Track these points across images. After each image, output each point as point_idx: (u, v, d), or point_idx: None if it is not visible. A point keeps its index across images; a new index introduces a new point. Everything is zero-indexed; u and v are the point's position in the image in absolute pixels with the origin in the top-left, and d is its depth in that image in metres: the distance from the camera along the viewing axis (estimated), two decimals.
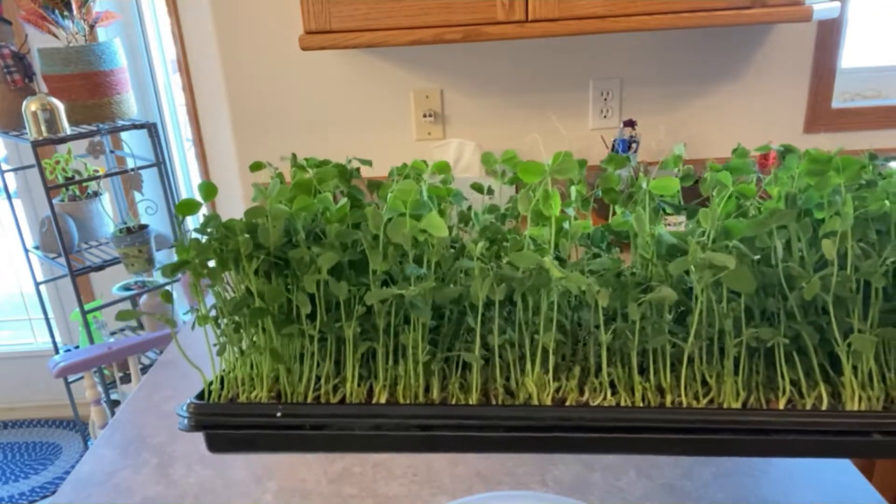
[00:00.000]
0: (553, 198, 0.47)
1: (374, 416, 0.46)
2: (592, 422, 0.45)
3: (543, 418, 0.45)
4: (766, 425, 0.45)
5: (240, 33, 1.74)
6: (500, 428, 0.46)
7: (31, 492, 2.48)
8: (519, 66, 1.77)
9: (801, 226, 0.44)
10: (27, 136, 1.83)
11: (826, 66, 1.75)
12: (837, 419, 0.44)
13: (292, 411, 0.46)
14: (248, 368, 0.50)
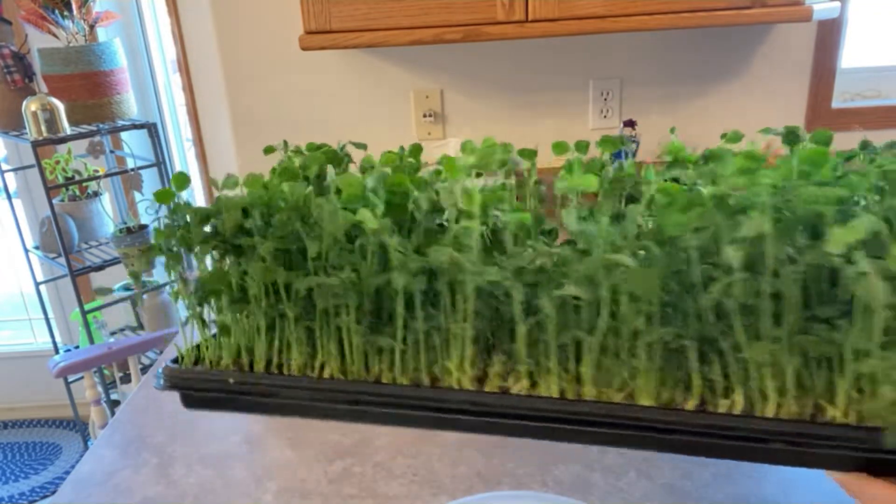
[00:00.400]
0: (472, 194, 0.48)
1: (307, 388, 0.52)
2: (495, 406, 0.49)
3: (448, 400, 0.49)
4: (649, 422, 0.46)
5: (240, 33, 1.74)
6: (413, 406, 0.50)
7: (31, 492, 2.48)
8: (519, 66, 1.77)
9: (728, 227, 0.43)
10: (27, 136, 1.83)
11: (826, 66, 1.75)
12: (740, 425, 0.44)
13: (242, 379, 0.54)
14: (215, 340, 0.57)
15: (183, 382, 0.55)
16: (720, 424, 0.45)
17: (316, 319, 0.53)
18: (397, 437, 0.94)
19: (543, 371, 0.50)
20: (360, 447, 0.93)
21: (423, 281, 0.49)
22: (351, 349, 0.52)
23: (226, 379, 0.53)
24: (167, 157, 2.21)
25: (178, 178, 0.57)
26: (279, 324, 0.55)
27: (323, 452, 0.92)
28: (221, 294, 0.55)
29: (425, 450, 0.91)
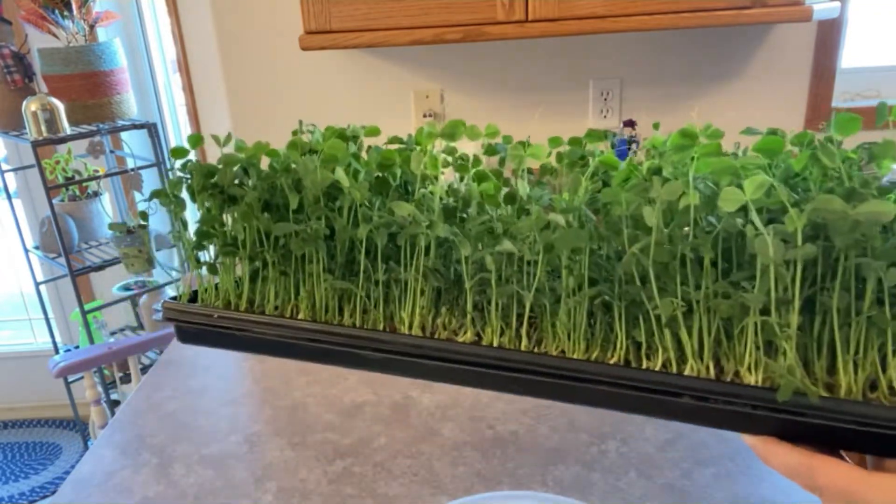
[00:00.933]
0: (436, 160, 0.55)
1: (277, 325, 0.59)
2: (442, 352, 0.53)
3: (399, 345, 0.55)
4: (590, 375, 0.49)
5: (240, 33, 1.74)
6: (369, 349, 0.55)
7: (31, 492, 2.48)
8: (519, 66, 1.77)
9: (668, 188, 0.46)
10: (27, 136, 1.83)
11: (826, 66, 1.75)
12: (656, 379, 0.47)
13: (225, 315, 0.61)
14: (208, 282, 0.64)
15: (177, 316, 0.62)
16: (634, 377, 0.48)
17: (290, 266, 0.60)
18: (397, 437, 0.94)
19: (487, 326, 0.54)
20: (360, 447, 0.93)
21: (384, 235, 0.56)
22: (320, 295, 0.58)
23: (211, 314, 0.61)
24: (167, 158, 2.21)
25: (193, 138, 0.66)
26: (261, 269, 0.61)
27: (323, 452, 0.92)
28: (215, 238, 0.62)
29: (425, 450, 0.91)
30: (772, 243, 0.41)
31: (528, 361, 0.51)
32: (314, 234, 0.57)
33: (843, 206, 0.40)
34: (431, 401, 1.02)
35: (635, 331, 0.50)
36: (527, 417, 0.97)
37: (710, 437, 0.90)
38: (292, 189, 0.58)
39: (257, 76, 1.78)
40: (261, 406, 1.05)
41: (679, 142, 0.48)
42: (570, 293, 0.51)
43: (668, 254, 0.46)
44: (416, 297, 0.56)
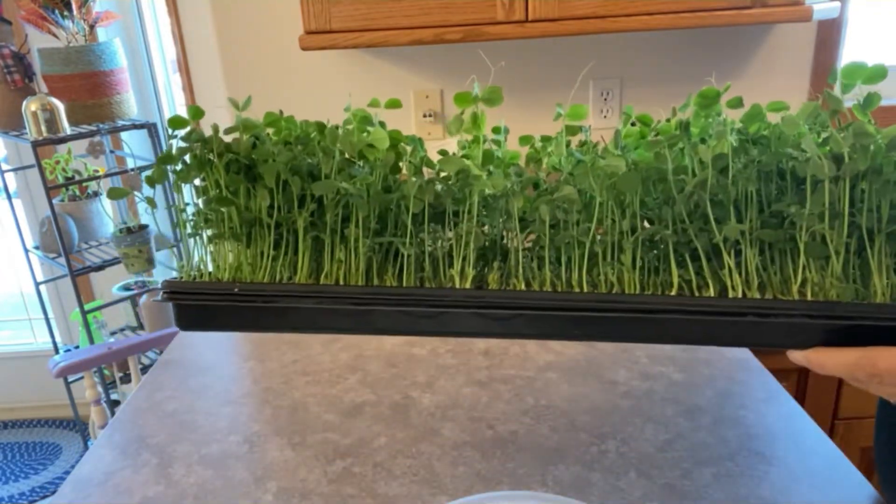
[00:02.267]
0: (481, 119, 0.55)
1: (314, 293, 0.53)
2: (500, 300, 0.52)
3: (454, 297, 0.52)
4: (649, 306, 0.51)
5: (240, 33, 1.74)
6: (420, 305, 0.52)
7: (31, 492, 2.48)
8: (519, 66, 1.77)
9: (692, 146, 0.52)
10: (27, 136, 1.83)
11: (826, 66, 1.75)
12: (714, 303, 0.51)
13: (248, 288, 0.53)
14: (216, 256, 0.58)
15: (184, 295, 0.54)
16: (699, 303, 0.51)
17: (325, 231, 0.55)
18: (397, 437, 0.94)
19: (538, 280, 0.54)
20: (360, 447, 0.93)
21: (432, 192, 0.53)
22: (357, 259, 0.54)
23: (230, 289, 0.53)
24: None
25: (193, 110, 0.61)
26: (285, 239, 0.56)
27: (323, 452, 0.92)
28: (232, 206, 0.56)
29: (425, 450, 0.91)
30: (826, 162, 0.47)
31: (592, 300, 0.51)
32: (359, 192, 0.53)
33: (873, 129, 0.48)
34: (431, 401, 1.02)
35: (682, 270, 0.52)
36: (527, 417, 0.97)
37: (709, 437, 0.91)
38: (328, 154, 0.55)
39: (257, 76, 1.78)
40: (261, 406, 1.05)
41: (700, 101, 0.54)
42: (627, 234, 0.52)
43: (722, 188, 0.50)
44: (466, 253, 0.54)
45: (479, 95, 0.56)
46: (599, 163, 0.52)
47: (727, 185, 0.50)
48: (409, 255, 0.54)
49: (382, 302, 0.53)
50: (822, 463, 0.84)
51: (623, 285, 0.52)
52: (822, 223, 0.48)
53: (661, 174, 0.52)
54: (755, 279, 0.51)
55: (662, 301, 0.51)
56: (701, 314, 0.51)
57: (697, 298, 0.51)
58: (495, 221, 0.56)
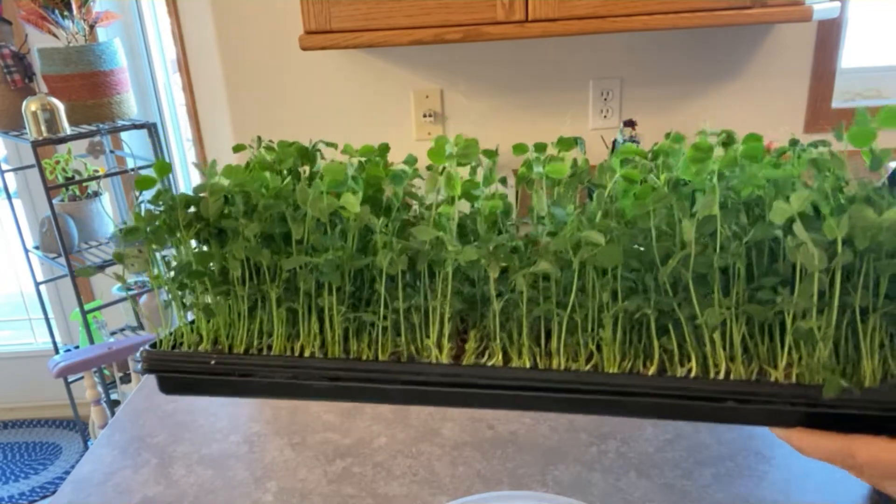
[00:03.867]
0: (454, 179, 0.52)
1: (290, 366, 0.53)
2: (476, 378, 0.51)
3: (430, 374, 0.51)
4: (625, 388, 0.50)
5: (240, 33, 1.74)
6: (396, 381, 0.52)
7: (31, 492, 2.48)
8: (519, 66, 1.77)
9: (681, 208, 0.48)
10: (27, 136, 1.83)
11: (826, 66, 1.75)
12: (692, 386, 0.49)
13: (224, 360, 0.54)
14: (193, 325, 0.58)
15: (163, 366, 0.55)
16: (678, 386, 0.49)
17: (298, 301, 0.55)
18: (397, 437, 0.94)
19: (516, 347, 0.53)
20: (360, 447, 0.93)
21: (404, 262, 0.52)
22: (332, 329, 0.54)
23: (207, 361, 0.54)
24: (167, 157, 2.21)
25: (160, 166, 0.59)
26: (260, 307, 0.56)
27: (323, 452, 0.92)
28: (203, 278, 0.56)
29: (425, 450, 0.91)
30: (816, 253, 0.44)
31: (571, 380, 0.50)
32: (329, 264, 0.52)
33: (874, 215, 0.43)
34: None
35: (664, 339, 0.51)
36: (527, 417, 0.97)
37: (709, 437, 0.90)
38: (296, 219, 0.53)
39: (257, 76, 1.78)
40: (261, 406, 1.05)
41: (695, 155, 0.50)
42: (606, 307, 0.50)
43: (707, 264, 0.48)
44: (442, 322, 0.53)
45: (454, 152, 0.54)
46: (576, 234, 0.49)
47: (713, 260, 0.48)
48: (382, 326, 0.54)
49: (357, 378, 0.53)
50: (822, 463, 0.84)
51: (603, 355, 0.51)
52: (810, 317, 0.46)
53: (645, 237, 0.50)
54: (739, 353, 0.49)
55: (639, 383, 0.49)
56: (678, 398, 0.49)
57: (676, 380, 0.49)
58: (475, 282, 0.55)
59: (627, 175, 0.51)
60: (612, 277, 0.50)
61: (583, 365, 0.51)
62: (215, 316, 0.57)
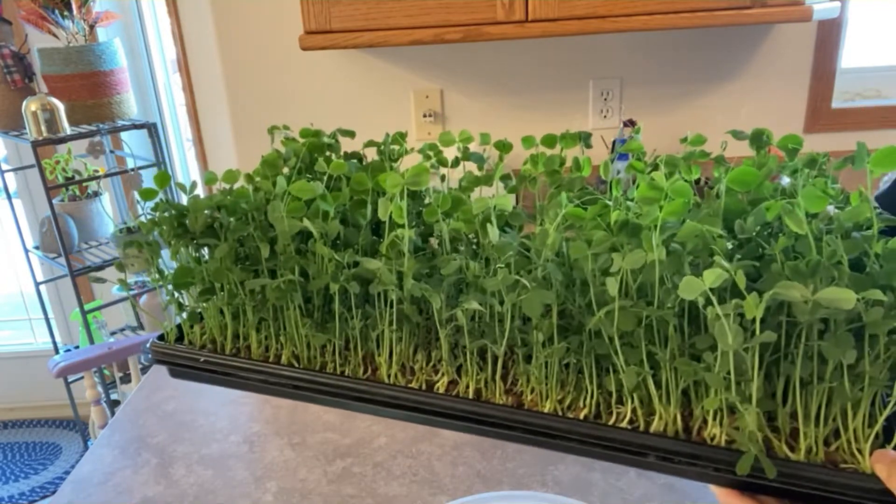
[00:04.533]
0: (402, 210, 0.52)
1: (260, 371, 0.59)
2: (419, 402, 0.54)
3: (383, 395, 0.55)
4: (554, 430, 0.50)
5: (240, 33, 1.74)
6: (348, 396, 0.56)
7: (31, 492, 2.48)
8: (519, 66, 1.77)
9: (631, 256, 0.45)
10: (27, 136, 1.83)
11: (826, 66, 1.75)
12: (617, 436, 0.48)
13: (210, 359, 0.61)
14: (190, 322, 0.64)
15: (165, 357, 0.63)
16: (600, 435, 0.48)
17: (268, 313, 0.59)
18: (397, 437, 0.94)
19: (463, 370, 0.54)
20: (360, 447, 0.93)
21: (355, 287, 0.54)
22: (300, 340, 0.58)
23: (197, 358, 0.61)
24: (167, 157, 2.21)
25: (160, 177, 0.64)
26: (241, 314, 0.61)
27: (323, 452, 0.92)
28: (188, 288, 0.62)
29: (425, 450, 0.91)
30: (730, 331, 0.40)
31: (499, 415, 0.51)
32: (288, 286, 0.55)
33: (804, 292, 0.40)
34: None
35: (606, 379, 0.50)
36: None
37: None
38: (263, 240, 0.57)
39: (257, 76, 1.78)
40: (261, 406, 1.05)
41: (647, 194, 0.47)
42: (541, 346, 0.50)
43: (633, 320, 0.46)
44: (392, 342, 0.56)
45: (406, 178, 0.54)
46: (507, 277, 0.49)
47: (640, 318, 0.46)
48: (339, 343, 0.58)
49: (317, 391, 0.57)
50: None
51: (540, 390, 0.51)
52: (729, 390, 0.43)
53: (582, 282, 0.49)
54: (676, 406, 0.47)
55: (567, 426, 0.49)
56: (602, 447, 0.48)
57: (600, 427, 0.48)
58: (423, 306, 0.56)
59: (573, 213, 0.50)
60: (547, 318, 0.49)
61: (527, 393, 0.52)
62: (202, 320, 0.62)
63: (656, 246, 0.44)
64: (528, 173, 0.61)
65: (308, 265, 0.56)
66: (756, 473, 0.44)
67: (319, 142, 0.66)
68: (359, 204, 0.59)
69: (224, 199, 0.59)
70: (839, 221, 0.46)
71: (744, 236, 0.48)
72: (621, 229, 0.48)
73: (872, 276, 0.44)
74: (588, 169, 0.61)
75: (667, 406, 0.48)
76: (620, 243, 0.47)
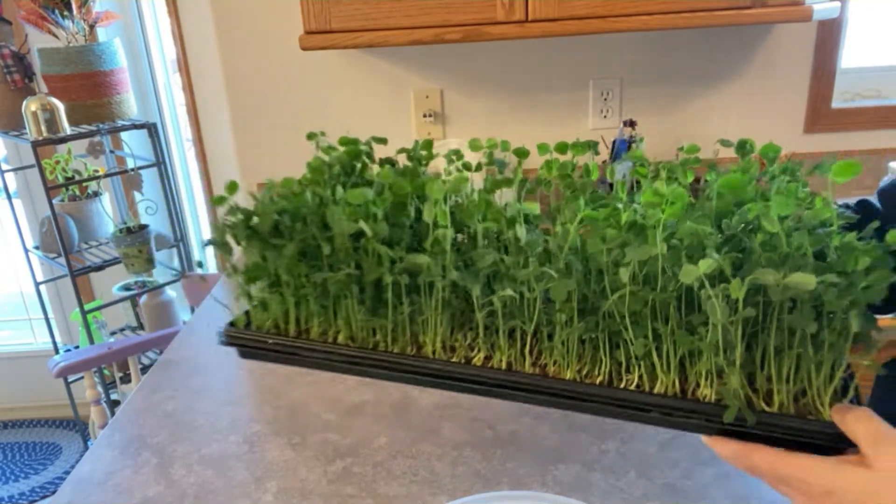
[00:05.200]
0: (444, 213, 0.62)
1: (322, 351, 0.69)
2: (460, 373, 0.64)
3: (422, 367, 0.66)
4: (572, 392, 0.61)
5: (240, 33, 1.74)
6: (399, 370, 0.66)
7: (31, 492, 2.48)
8: (519, 66, 1.77)
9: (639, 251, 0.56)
10: (27, 136, 1.83)
11: (826, 66, 1.75)
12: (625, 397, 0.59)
13: (277, 341, 0.71)
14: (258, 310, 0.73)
15: (237, 341, 0.73)
16: (614, 396, 0.59)
17: (329, 301, 0.69)
18: (397, 437, 0.94)
19: (497, 347, 0.65)
20: (360, 447, 0.93)
21: (406, 278, 0.65)
22: (356, 324, 0.68)
23: (265, 340, 0.71)
24: (167, 157, 2.21)
25: (231, 186, 0.74)
26: (304, 302, 0.71)
27: (323, 452, 0.92)
28: (258, 282, 0.72)
29: (425, 450, 0.91)
30: (719, 307, 0.52)
31: (529, 382, 0.62)
32: (346, 279, 0.66)
33: (776, 277, 0.50)
34: (431, 401, 1.02)
35: (617, 352, 0.60)
36: (527, 417, 0.97)
37: None
38: (324, 239, 0.66)
39: (257, 76, 1.78)
40: (261, 406, 1.05)
41: (651, 199, 0.57)
42: (563, 325, 0.61)
43: (641, 302, 0.57)
44: (436, 324, 0.66)
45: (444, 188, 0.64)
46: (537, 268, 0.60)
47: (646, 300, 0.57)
48: (391, 326, 0.68)
49: (372, 364, 0.67)
50: None
51: (562, 362, 0.62)
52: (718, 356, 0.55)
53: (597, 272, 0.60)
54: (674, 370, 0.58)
55: (585, 390, 0.60)
56: (614, 406, 0.59)
57: (612, 390, 0.59)
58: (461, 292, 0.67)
59: (589, 216, 0.60)
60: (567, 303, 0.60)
61: (549, 367, 0.63)
62: (269, 309, 0.72)
63: (659, 242, 0.55)
64: (543, 177, 0.71)
65: (362, 260, 0.66)
66: (739, 423, 0.54)
67: (357, 149, 0.75)
68: (400, 206, 0.69)
69: (287, 204, 0.68)
70: (806, 220, 0.56)
71: (730, 232, 0.58)
72: (630, 228, 0.57)
73: (831, 264, 0.54)
74: (596, 173, 0.69)
75: (667, 373, 0.59)
76: (629, 240, 0.56)
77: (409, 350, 0.67)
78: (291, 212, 0.68)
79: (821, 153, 1.83)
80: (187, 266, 2.25)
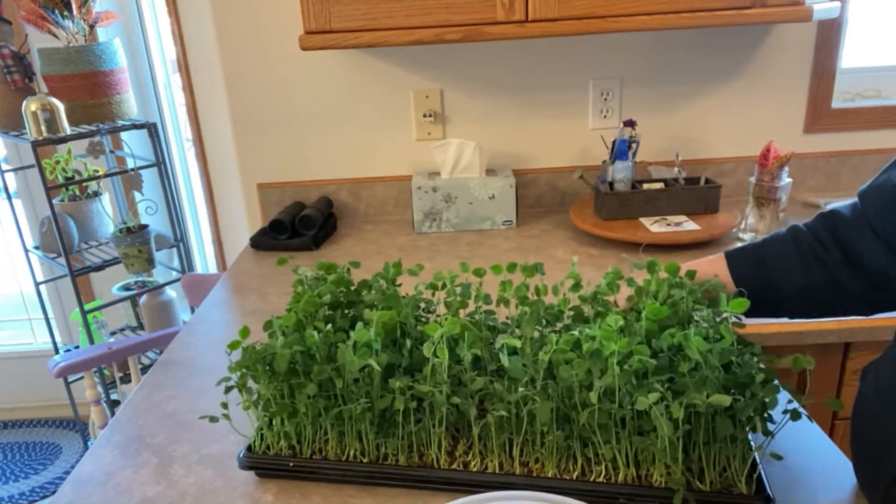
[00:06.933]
0: (442, 350, 0.78)
1: (338, 469, 0.84)
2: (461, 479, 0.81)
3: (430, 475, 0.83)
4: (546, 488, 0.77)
5: (240, 33, 1.74)
6: (407, 479, 0.83)
7: (31, 492, 2.48)
8: (519, 66, 1.77)
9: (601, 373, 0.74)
10: (27, 136, 1.83)
11: (826, 66, 1.75)
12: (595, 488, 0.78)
13: (299, 463, 0.85)
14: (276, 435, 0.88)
15: (257, 464, 0.86)
16: (584, 488, 0.77)
17: (344, 427, 0.85)
18: None
19: (489, 452, 0.82)
20: None
21: (414, 405, 0.81)
22: (368, 442, 0.84)
23: (286, 462, 0.85)
24: (167, 157, 2.21)
25: (244, 331, 0.87)
26: (321, 428, 0.86)
27: None
28: (284, 413, 0.85)
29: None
30: (665, 426, 0.71)
31: (520, 483, 0.79)
32: (361, 414, 0.81)
33: (702, 399, 0.70)
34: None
35: (586, 449, 0.79)
36: None
37: None
38: (339, 377, 0.81)
39: (257, 76, 1.78)
40: None
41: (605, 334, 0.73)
42: (543, 434, 0.79)
43: (606, 415, 0.75)
44: (440, 438, 0.83)
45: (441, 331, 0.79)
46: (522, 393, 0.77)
47: (610, 413, 0.75)
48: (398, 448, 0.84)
49: (383, 477, 0.84)
50: (822, 463, 0.84)
51: (542, 460, 0.80)
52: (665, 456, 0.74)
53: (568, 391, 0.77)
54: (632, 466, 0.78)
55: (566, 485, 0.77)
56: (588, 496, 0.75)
57: (584, 483, 0.78)
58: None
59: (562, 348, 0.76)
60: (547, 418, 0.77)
61: (533, 465, 0.81)
62: (290, 438, 0.87)
63: (616, 373, 0.73)
64: (500, 297, 0.90)
65: (371, 391, 0.81)
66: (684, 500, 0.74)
67: (341, 276, 0.92)
68: (393, 340, 0.86)
69: (299, 345, 0.81)
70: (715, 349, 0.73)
71: (659, 349, 0.76)
72: (591, 356, 0.74)
73: (735, 374, 0.74)
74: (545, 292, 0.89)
75: (627, 465, 0.78)
76: (591, 366, 0.74)
77: (414, 461, 0.83)
78: (303, 353, 0.81)
79: (821, 153, 1.83)
80: (187, 266, 2.25)
